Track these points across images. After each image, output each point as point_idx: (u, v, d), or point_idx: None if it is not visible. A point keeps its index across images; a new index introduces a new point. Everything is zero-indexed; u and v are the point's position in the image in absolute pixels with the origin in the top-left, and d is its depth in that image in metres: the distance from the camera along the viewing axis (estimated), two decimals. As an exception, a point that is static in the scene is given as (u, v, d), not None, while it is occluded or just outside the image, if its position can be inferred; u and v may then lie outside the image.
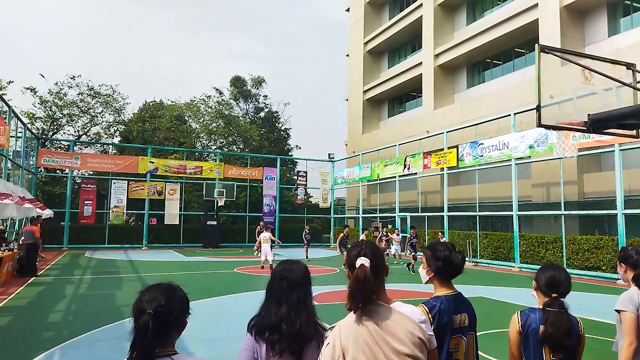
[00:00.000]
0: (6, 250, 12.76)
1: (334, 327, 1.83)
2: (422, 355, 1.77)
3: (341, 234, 18.60)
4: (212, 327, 7.19)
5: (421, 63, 29.47)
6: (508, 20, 23.45)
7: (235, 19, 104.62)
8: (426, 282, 2.49)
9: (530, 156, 17.59)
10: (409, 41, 33.31)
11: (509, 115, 18.22)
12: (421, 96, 30.15)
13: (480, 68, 27.66)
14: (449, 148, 20.90)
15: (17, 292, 10.68)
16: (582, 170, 18.75)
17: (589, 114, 5.15)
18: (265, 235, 15.25)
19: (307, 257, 19.68)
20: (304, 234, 21.51)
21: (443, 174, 21.61)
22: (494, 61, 26.56)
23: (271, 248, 15.17)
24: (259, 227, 19.02)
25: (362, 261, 1.81)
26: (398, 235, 19.31)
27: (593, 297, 11.05)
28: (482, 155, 18.82)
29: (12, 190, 14.27)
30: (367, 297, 1.78)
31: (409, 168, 23.15)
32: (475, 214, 19.90)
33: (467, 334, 2.38)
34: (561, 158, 15.16)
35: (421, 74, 29.38)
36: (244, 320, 2.15)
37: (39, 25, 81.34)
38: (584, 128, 5.30)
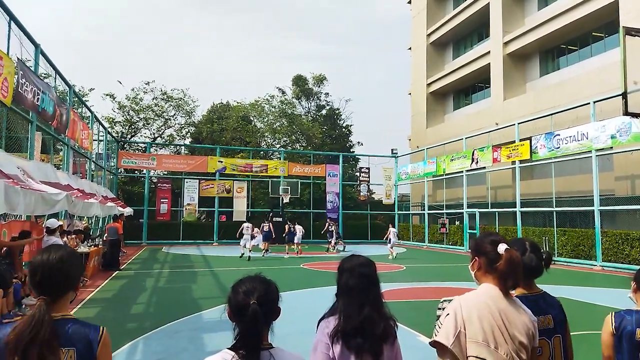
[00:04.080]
0: (92, 246, 13.78)
1: (451, 299, 2.01)
2: (530, 348, 1.96)
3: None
4: (281, 322, 7.36)
5: (489, 52, 28.28)
6: (584, 3, 21.93)
7: (298, 19, 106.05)
8: None
9: (612, 147, 16.32)
10: (475, 30, 32.06)
11: (588, 103, 17.02)
12: (489, 87, 28.96)
13: (554, 55, 26.06)
14: (521, 140, 19.89)
15: (102, 285, 11.49)
16: (673, 161, 17.16)
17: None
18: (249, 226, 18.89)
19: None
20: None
21: (515, 167, 20.62)
22: (570, 47, 24.94)
23: (252, 238, 18.72)
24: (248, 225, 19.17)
25: (507, 246, 2.00)
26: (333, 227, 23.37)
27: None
28: (559, 147, 17.73)
29: (96, 190, 15.43)
30: (520, 279, 2.01)
31: (477, 162, 22.32)
32: (551, 209, 18.80)
33: (553, 336, 2.25)
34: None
35: (489, 63, 28.20)
36: (312, 316, 2.11)
37: (113, 33, 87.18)
38: (679, 115, 4.82)
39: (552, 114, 18.96)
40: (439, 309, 2.05)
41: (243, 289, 1.68)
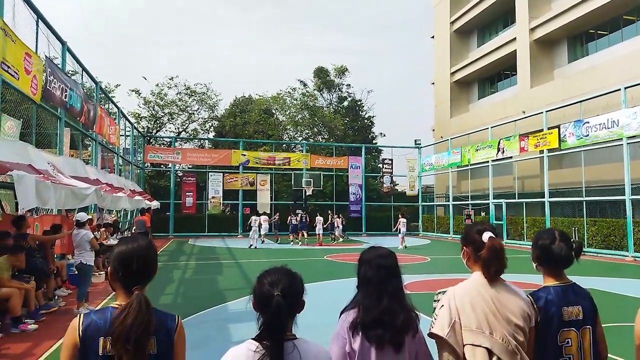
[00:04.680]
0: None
1: (445, 291, 2.09)
2: (527, 329, 2.02)
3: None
4: (305, 313, 7.41)
5: (515, 39, 27.60)
6: (615, -15, 21.12)
7: (318, 11, 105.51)
8: (537, 270, 2.40)
9: (644, 134, 15.79)
10: (501, 16, 31.31)
11: (619, 89, 16.47)
12: (515, 74, 28.31)
13: (582, 40, 25.26)
14: (549, 128, 19.40)
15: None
16: None
17: None
18: (257, 219, 20.48)
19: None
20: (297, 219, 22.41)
21: (543, 156, 20.13)
22: (599, 31, 24.13)
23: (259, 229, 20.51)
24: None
25: (491, 234, 2.06)
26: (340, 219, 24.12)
27: None
28: (588, 135, 17.23)
29: (123, 184, 15.77)
30: (502, 266, 2.04)
31: (504, 152, 21.88)
32: (581, 199, 18.33)
33: (582, 328, 2.20)
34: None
35: (515, 50, 27.54)
36: (334, 307, 2.10)
37: (135, 30, 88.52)
38: None
39: (581, 101, 18.42)
40: (435, 301, 2.12)
41: (268, 280, 1.69)
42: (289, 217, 22.68)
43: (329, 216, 24.84)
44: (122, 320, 1.60)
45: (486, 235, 2.06)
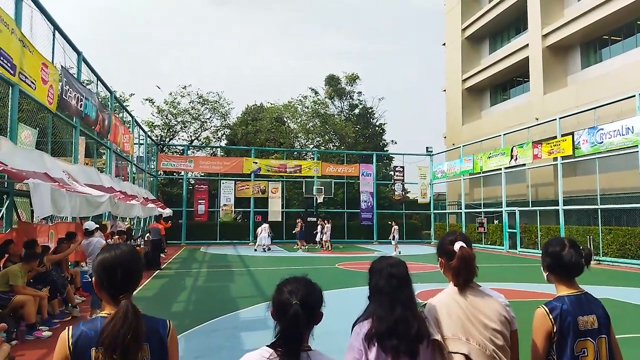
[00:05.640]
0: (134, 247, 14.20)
1: (425, 304, 2.17)
2: (506, 332, 2.07)
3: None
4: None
5: (527, 45, 27.43)
6: (630, -11, 20.91)
7: (328, 16, 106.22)
8: (548, 280, 2.38)
9: (661, 141, 15.53)
10: (513, 23, 31.18)
11: (633, 96, 16.27)
12: (528, 81, 28.11)
13: (596, 46, 25.02)
14: (562, 135, 19.19)
15: (144, 284, 11.80)
16: None
17: None
18: (265, 226, 22.05)
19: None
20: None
21: (557, 164, 19.90)
22: (613, 37, 23.88)
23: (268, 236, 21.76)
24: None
25: (462, 244, 2.14)
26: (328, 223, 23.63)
27: None
28: (602, 142, 17.01)
29: (137, 192, 15.92)
30: (471, 274, 2.13)
31: (517, 159, 21.67)
32: (596, 207, 18.05)
33: (597, 337, 2.17)
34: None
35: (528, 57, 27.36)
36: (348, 315, 2.09)
37: (147, 39, 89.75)
38: None
39: (595, 108, 18.22)
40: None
41: (288, 289, 1.71)
42: (300, 224, 23.29)
43: (318, 223, 24.48)
44: (111, 329, 1.58)
45: (457, 245, 2.14)
